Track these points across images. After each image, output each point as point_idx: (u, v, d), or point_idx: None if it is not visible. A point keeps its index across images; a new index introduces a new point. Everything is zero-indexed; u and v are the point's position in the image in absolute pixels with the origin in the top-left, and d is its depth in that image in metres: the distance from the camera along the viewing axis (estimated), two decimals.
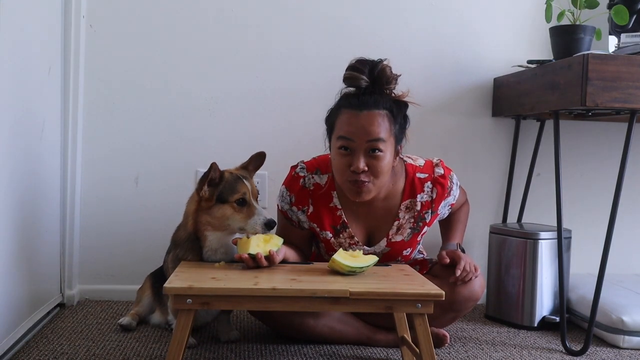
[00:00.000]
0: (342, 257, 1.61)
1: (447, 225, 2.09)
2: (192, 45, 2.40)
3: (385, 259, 1.93)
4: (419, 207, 1.90)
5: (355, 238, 1.92)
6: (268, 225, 1.72)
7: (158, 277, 2.01)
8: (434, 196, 1.91)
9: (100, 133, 2.38)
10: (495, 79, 2.52)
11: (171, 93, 2.41)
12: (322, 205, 1.90)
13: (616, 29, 2.26)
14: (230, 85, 2.43)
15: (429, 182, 1.91)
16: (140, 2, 2.37)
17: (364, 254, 1.89)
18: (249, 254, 1.65)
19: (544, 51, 2.51)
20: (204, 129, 2.42)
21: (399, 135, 1.81)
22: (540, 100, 2.14)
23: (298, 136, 2.39)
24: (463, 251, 1.99)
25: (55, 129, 2.20)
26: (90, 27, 2.35)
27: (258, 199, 1.82)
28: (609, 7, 2.25)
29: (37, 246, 2.00)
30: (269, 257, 1.66)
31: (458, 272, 1.83)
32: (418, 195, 1.90)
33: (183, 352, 1.47)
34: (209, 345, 1.91)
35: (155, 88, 2.40)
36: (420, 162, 1.95)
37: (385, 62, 1.78)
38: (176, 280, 1.49)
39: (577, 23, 2.17)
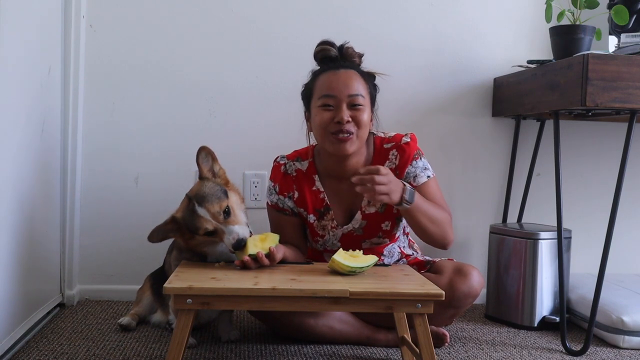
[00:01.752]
0: (342, 257, 1.61)
1: None
2: (192, 45, 2.41)
3: (367, 235, 1.94)
4: None
5: (335, 221, 1.94)
6: (236, 246, 1.67)
7: (158, 277, 2.02)
8: (397, 162, 1.90)
9: (100, 133, 2.38)
10: (495, 79, 2.52)
11: (171, 93, 2.41)
12: (306, 189, 1.94)
13: (616, 29, 2.26)
14: (230, 85, 2.43)
15: (394, 150, 1.91)
16: (140, 3, 2.38)
17: (345, 232, 1.91)
18: (249, 255, 1.65)
19: (544, 51, 2.51)
20: (204, 129, 2.42)
21: (373, 96, 1.90)
22: (540, 100, 2.14)
23: (298, 136, 2.38)
24: (408, 202, 1.73)
25: (55, 129, 2.20)
26: (90, 27, 2.35)
27: (227, 210, 1.72)
28: (609, 7, 2.25)
29: (37, 246, 2.00)
30: (270, 254, 1.67)
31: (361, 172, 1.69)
32: (385, 164, 1.90)
33: (183, 352, 1.47)
34: (209, 345, 1.91)
35: (155, 88, 2.40)
36: (391, 134, 1.96)
37: (347, 45, 1.90)
38: (176, 280, 1.50)
39: (577, 23, 2.16)
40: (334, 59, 1.88)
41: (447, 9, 2.52)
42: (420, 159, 1.91)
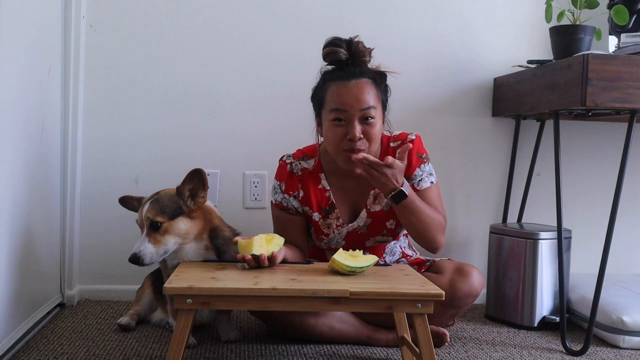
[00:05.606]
0: (342, 257, 1.61)
1: None
2: (192, 45, 2.41)
3: (371, 233, 1.95)
4: None
5: (341, 220, 1.95)
6: (130, 258, 1.69)
7: (158, 275, 2.02)
8: (405, 161, 1.89)
9: (100, 133, 2.38)
10: (495, 79, 2.52)
11: (171, 93, 2.41)
12: (312, 187, 1.95)
13: (616, 29, 2.26)
14: (230, 85, 2.43)
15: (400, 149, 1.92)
16: (140, 2, 2.38)
17: (350, 231, 1.92)
18: (252, 255, 1.64)
19: (544, 51, 2.51)
20: (204, 129, 2.42)
21: (385, 102, 1.87)
22: (540, 100, 2.14)
23: (298, 136, 2.38)
24: (396, 200, 1.78)
25: (55, 129, 2.20)
26: (90, 27, 2.36)
27: (157, 225, 1.72)
28: (609, 7, 2.25)
29: (37, 246, 2.00)
30: (271, 258, 1.66)
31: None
32: None
33: (183, 352, 1.47)
34: (209, 345, 1.91)
35: (155, 88, 2.40)
36: (396, 133, 1.98)
37: (357, 39, 1.84)
38: (176, 280, 1.50)
39: (577, 23, 2.16)
40: (343, 61, 1.82)
41: (448, 9, 2.52)
42: (428, 163, 1.94)
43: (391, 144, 1.95)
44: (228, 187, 2.46)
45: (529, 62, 2.29)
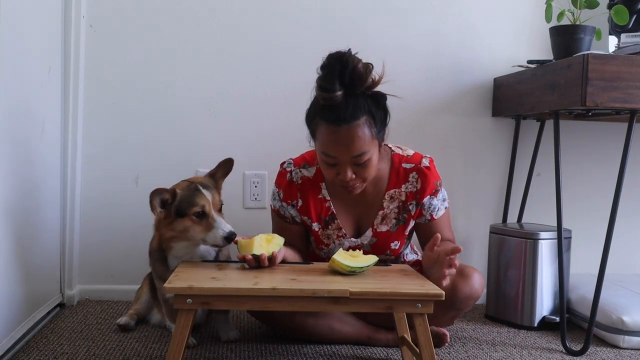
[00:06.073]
0: (342, 257, 1.61)
1: None
2: (192, 45, 2.41)
3: (374, 252, 1.93)
4: (403, 198, 1.89)
5: (343, 230, 1.92)
6: (227, 239, 1.72)
7: None
8: (419, 187, 1.88)
9: (100, 133, 2.38)
10: (495, 79, 2.52)
11: (171, 93, 2.41)
12: (311, 197, 1.91)
13: (616, 29, 2.26)
14: (230, 85, 2.43)
15: (414, 173, 1.88)
16: (140, 3, 2.38)
17: (352, 246, 1.91)
18: (253, 255, 1.64)
19: (544, 51, 2.51)
20: (204, 129, 2.43)
21: (381, 132, 1.76)
22: (540, 100, 2.14)
23: (298, 136, 2.37)
24: None
25: (55, 129, 2.20)
26: (90, 27, 2.36)
27: (222, 208, 1.82)
28: (609, 7, 2.25)
29: (37, 246, 2.00)
30: (271, 258, 1.66)
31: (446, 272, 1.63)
32: (403, 186, 1.89)
33: (183, 352, 1.47)
34: (209, 345, 1.91)
35: (155, 88, 2.40)
36: (410, 152, 1.93)
37: (353, 56, 1.65)
38: (176, 280, 1.49)
39: (577, 23, 2.16)
40: (339, 103, 1.66)
41: (448, 9, 2.52)
42: (441, 190, 1.91)
43: (403, 165, 1.89)
44: (228, 187, 2.44)
45: (529, 62, 2.29)
